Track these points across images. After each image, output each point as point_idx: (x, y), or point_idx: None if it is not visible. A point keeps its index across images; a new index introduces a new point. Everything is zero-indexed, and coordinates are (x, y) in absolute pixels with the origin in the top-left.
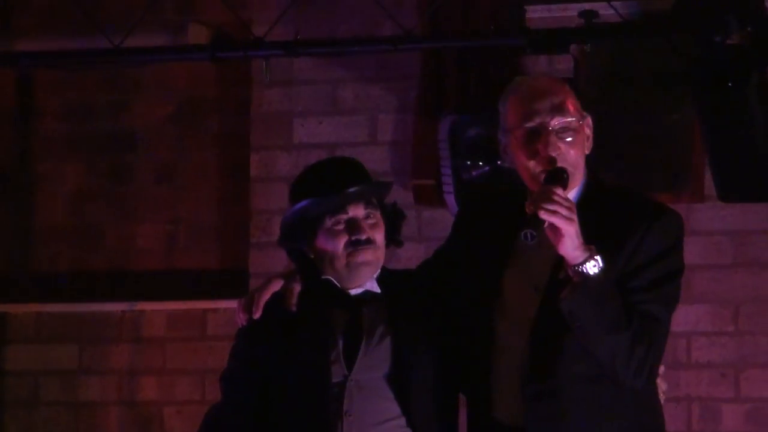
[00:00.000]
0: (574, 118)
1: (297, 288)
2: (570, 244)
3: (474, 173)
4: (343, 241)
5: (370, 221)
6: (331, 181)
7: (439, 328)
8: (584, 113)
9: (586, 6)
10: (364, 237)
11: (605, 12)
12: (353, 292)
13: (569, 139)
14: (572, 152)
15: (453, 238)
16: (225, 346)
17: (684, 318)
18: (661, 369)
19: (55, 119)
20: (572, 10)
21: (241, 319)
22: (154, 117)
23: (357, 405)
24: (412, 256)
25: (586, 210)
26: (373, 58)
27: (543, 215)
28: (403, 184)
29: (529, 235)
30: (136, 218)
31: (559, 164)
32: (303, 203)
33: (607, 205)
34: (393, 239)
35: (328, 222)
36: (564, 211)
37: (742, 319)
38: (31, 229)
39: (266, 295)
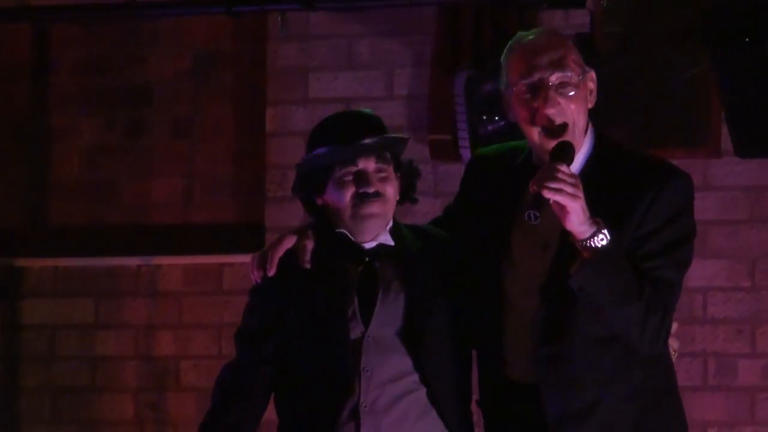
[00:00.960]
0: (573, 73)
1: (310, 244)
2: (576, 220)
3: (490, 128)
4: (350, 192)
5: (381, 175)
6: (344, 132)
7: (452, 284)
8: (587, 68)
9: None
10: (371, 190)
11: None
12: (367, 245)
13: (571, 93)
14: (572, 106)
15: (462, 195)
16: (241, 301)
17: (700, 273)
18: (674, 327)
19: (71, 74)
20: None
21: (256, 276)
22: (170, 72)
23: (374, 361)
24: (428, 211)
25: (593, 175)
26: (389, 13)
27: (547, 194)
28: (419, 139)
29: (532, 215)
30: (151, 173)
31: (558, 119)
32: (315, 152)
33: (615, 169)
34: (407, 196)
35: (338, 173)
36: (569, 189)
37: (759, 275)
38: (47, 183)
39: (280, 252)
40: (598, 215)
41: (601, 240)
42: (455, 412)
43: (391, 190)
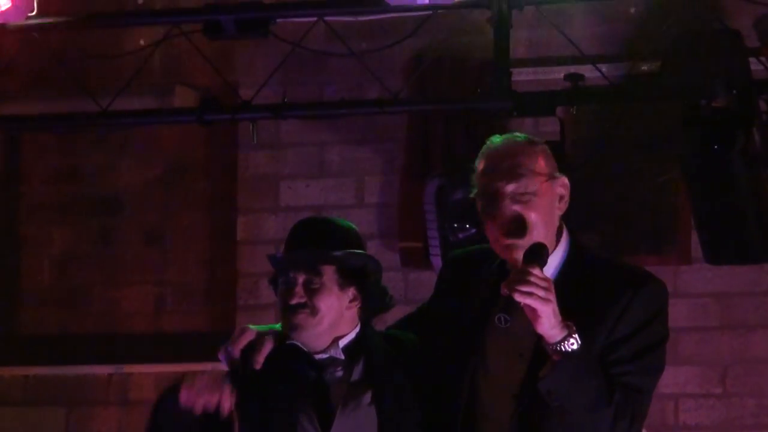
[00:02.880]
0: (531, 181)
1: (268, 345)
2: (547, 323)
3: (461, 236)
4: (282, 302)
5: (313, 286)
6: (290, 242)
7: (423, 393)
8: (556, 174)
9: (572, 69)
10: (293, 301)
11: (591, 75)
12: (318, 356)
13: (528, 201)
14: (532, 215)
15: (436, 295)
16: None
17: (672, 380)
18: None
19: (42, 183)
20: (558, 73)
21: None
22: (141, 179)
23: None
24: (399, 318)
25: (568, 279)
26: (359, 120)
27: (518, 297)
28: (390, 247)
29: (502, 319)
30: (123, 281)
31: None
32: (273, 254)
33: (590, 274)
34: (370, 309)
35: (280, 281)
36: (540, 292)
37: (730, 381)
38: (18, 291)
39: (239, 347)
40: (572, 319)
41: (572, 344)
42: None
43: (324, 303)
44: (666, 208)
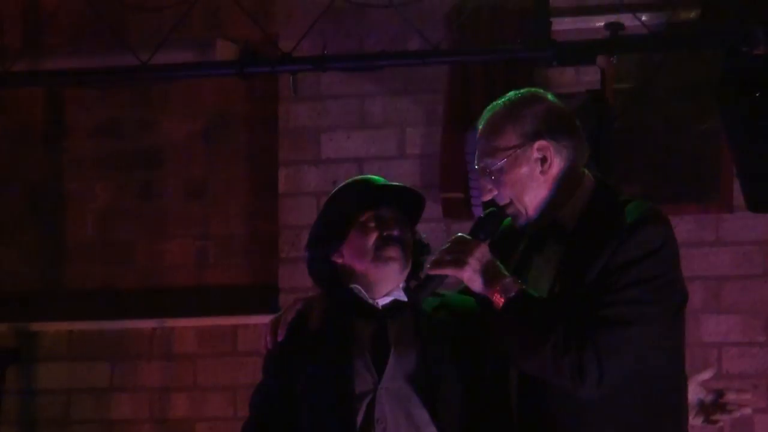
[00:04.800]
0: (496, 158)
1: (320, 308)
2: (474, 286)
3: None
4: (374, 236)
5: (401, 223)
6: (364, 184)
7: (468, 350)
8: (528, 140)
9: (612, 18)
10: (395, 233)
11: (631, 24)
12: (380, 301)
13: (500, 177)
14: (505, 190)
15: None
16: (256, 362)
17: (715, 328)
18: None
19: (85, 137)
20: (598, 22)
21: (267, 342)
22: (182, 134)
23: (388, 413)
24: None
25: (584, 228)
26: (400, 72)
27: (432, 272)
28: (431, 198)
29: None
30: (165, 235)
31: (500, 201)
32: (336, 198)
33: (604, 219)
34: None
35: (361, 217)
36: (447, 257)
37: None
38: (61, 247)
39: (289, 317)
40: (582, 267)
41: (502, 298)
42: None
43: (409, 240)
44: (707, 157)
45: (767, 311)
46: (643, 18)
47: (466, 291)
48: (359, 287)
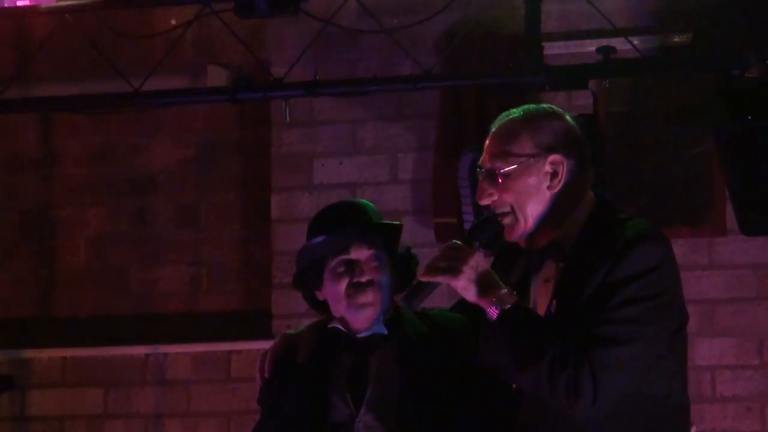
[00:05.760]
0: (507, 162)
1: (307, 338)
2: (467, 295)
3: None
4: (344, 282)
5: (374, 263)
6: (337, 222)
7: (461, 373)
8: (545, 152)
9: (604, 42)
10: (364, 279)
11: (623, 47)
12: (361, 335)
13: (506, 182)
14: (508, 196)
15: None
16: (249, 388)
17: (708, 352)
18: None
19: (77, 163)
20: (590, 46)
21: (258, 380)
22: (175, 159)
23: None
24: (434, 294)
25: (583, 245)
26: (392, 97)
27: (422, 278)
28: (424, 223)
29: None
30: (158, 261)
31: (498, 209)
32: (309, 243)
33: (602, 236)
34: (405, 284)
35: (331, 263)
36: (442, 264)
37: (767, 352)
38: (54, 274)
39: (272, 355)
40: (580, 285)
41: (495, 310)
42: None
43: (385, 279)
44: (700, 180)
45: (760, 334)
46: (635, 42)
47: (458, 308)
48: (338, 324)
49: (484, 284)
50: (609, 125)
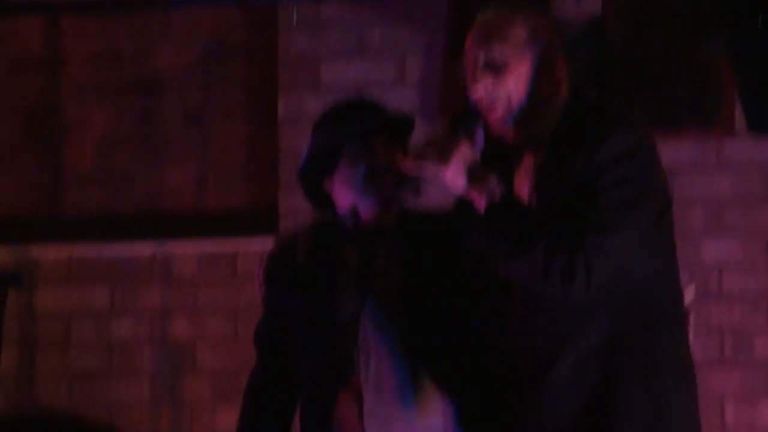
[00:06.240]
0: (503, 50)
1: (305, 238)
2: (454, 185)
3: None
4: (361, 168)
5: (389, 153)
6: (355, 112)
7: (455, 269)
8: (537, 39)
9: None
10: (384, 164)
11: None
12: (367, 228)
13: (503, 71)
14: (505, 84)
15: None
16: (255, 285)
17: (716, 251)
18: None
19: (83, 65)
20: None
21: (258, 286)
22: (181, 62)
23: (372, 339)
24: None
25: (561, 140)
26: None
27: (410, 169)
28: (431, 124)
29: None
30: (165, 161)
31: (489, 105)
32: (326, 127)
33: (581, 126)
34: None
35: (349, 150)
36: (430, 152)
37: None
38: (61, 172)
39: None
40: (559, 175)
41: (489, 197)
42: (458, 386)
43: (400, 168)
44: (709, 79)
45: (767, 234)
46: None
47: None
48: (347, 215)
49: (472, 174)
50: (618, 27)
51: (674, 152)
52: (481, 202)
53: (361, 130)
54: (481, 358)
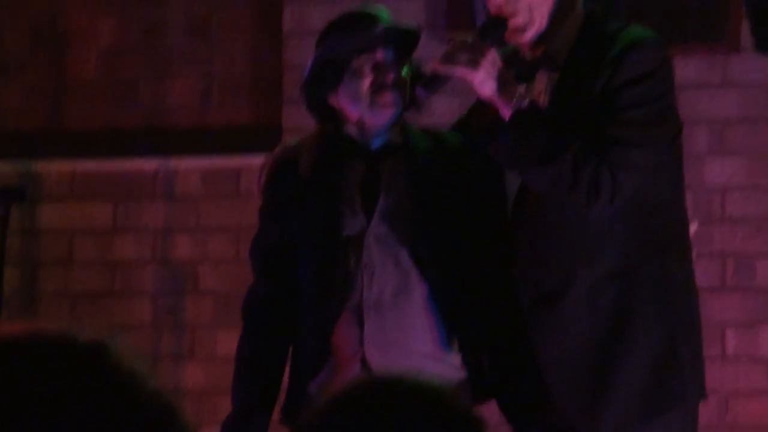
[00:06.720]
0: None
1: (310, 150)
2: (483, 89)
3: None
4: (368, 81)
5: (397, 66)
6: (362, 22)
7: (462, 190)
8: None
9: None
10: (391, 78)
11: None
12: (373, 144)
13: None
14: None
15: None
16: (259, 203)
17: (719, 171)
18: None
19: None
20: None
21: (257, 195)
22: None
23: (376, 257)
24: (446, 111)
25: (577, 53)
26: None
27: (440, 69)
28: (438, 37)
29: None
30: (169, 73)
31: (510, 11)
32: (332, 39)
33: (598, 43)
34: (413, 101)
35: (356, 62)
36: (461, 55)
37: None
38: (65, 85)
39: (273, 164)
40: (577, 94)
41: (517, 104)
42: (462, 310)
43: (406, 82)
44: None
45: None
46: None
47: (456, 127)
48: (353, 129)
49: (502, 80)
50: None
51: (679, 70)
52: (507, 110)
53: (367, 42)
54: (489, 283)
